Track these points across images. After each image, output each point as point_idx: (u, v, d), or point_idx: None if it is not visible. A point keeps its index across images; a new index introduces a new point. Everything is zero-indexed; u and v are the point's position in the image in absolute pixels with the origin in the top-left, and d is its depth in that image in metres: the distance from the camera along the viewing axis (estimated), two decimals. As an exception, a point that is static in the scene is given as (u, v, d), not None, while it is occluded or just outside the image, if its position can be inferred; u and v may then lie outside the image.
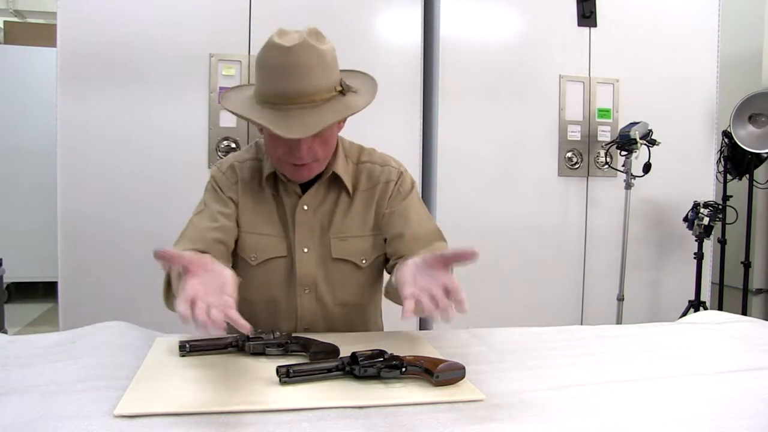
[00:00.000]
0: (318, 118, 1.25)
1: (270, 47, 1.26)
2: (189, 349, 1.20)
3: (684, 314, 3.00)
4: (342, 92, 1.30)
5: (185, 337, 1.29)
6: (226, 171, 1.47)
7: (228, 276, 1.05)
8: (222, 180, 1.46)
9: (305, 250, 1.44)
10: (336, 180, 1.46)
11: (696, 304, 3.11)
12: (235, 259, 1.48)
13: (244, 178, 1.46)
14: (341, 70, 1.36)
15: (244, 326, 0.94)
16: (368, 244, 1.48)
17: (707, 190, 3.21)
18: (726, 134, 3.46)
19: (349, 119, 1.40)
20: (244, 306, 1.46)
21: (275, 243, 1.44)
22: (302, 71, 1.24)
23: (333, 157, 1.45)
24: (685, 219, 3.06)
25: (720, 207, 3.06)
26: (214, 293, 0.98)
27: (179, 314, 0.92)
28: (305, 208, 1.44)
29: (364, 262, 1.48)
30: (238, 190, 1.45)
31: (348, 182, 1.46)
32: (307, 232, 1.44)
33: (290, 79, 1.25)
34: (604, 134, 3.08)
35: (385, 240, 1.48)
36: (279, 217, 1.45)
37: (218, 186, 1.46)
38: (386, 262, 1.52)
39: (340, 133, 1.49)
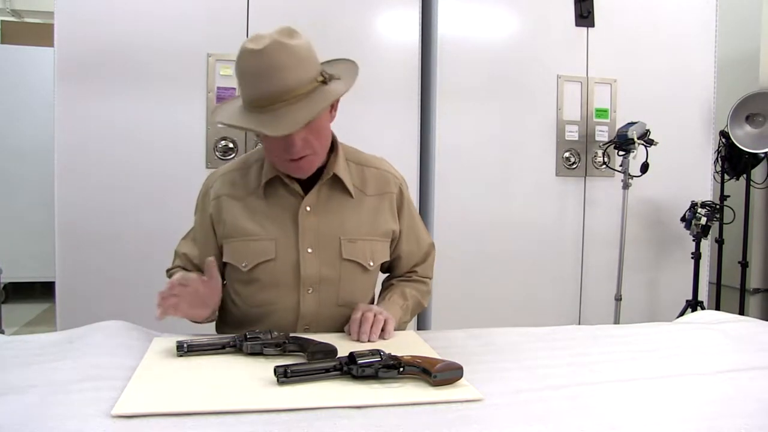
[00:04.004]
0: (303, 112, 1.28)
1: (243, 54, 1.29)
2: (187, 349, 1.20)
3: (681, 314, 3.00)
4: (324, 82, 1.33)
5: (183, 336, 1.29)
6: (206, 191, 1.54)
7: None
8: (203, 199, 1.54)
9: (309, 250, 1.45)
10: (337, 181, 1.47)
11: (693, 304, 3.11)
12: (228, 268, 1.50)
13: (227, 192, 1.49)
14: (325, 62, 1.40)
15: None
16: (377, 248, 1.51)
17: (705, 189, 3.21)
18: (723, 134, 3.47)
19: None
20: (243, 309, 1.48)
21: (267, 247, 1.44)
22: (277, 70, 1.27)
23: (333, 158, 1.47)
24: (683, 219, 3.07)
25: (717, 207, 3.07)
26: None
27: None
28: (308, 209, 1.45)
29: (371, 264, 1.50)
30: (219, 204, 1.48)
31: (349, 184, 1.48)
32: (311, 233, 1.45)
33: (268, 80, 1.27)
34: (602, 134, 3.08)
35: (390, 247, 1.56)
36: (277, 221, 1.45)
37: (201, 205, 1.55)
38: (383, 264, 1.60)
39: (338, 138, 1.51)
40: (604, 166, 3.02)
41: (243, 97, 1.34)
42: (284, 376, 1.04)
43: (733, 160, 3.56)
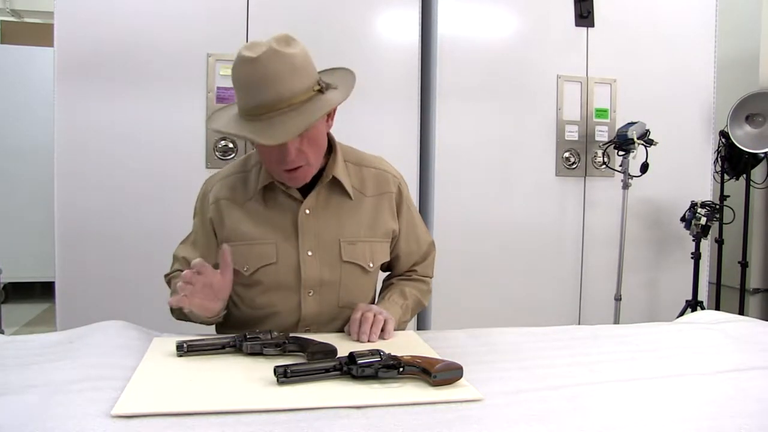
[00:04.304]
0: (298, 121, 1.27)
1: (239, 62, 1.29)
2: (186, 349, 1.20)
3: (681, 314, 3.00)
4: (321, 91, 1.32)
5: (183, 337, 1.29)
6: (205, 194, 1.53)
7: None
8: (202, 202, 1.54)
9: (309, 253, 1.45)
10: (336, 183, 1.47)
11: (693, 304, 3.11)
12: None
13: (226, 196, 1.49)
14: (323, 70, 1.40)
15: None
16: (377, 249, 1.51)
17: (704, 189, 3.21)
18: (723, 134, 3.47)
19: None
20: (244, 312, 1.48)
21: (268, 250, 1.44)
22: (272, 79, 1.26)
23: (332, 160, 1.47)
24: (683, 219, 3.07)
25: (717, 207, 3.07)
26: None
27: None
28: (307, 212, 1.45)
29: (371, 266, 1.50)
30: (219, 208, 1.48)
31: (348, 186, 1.48)
32: (311, 236, 1.45)
33: (263, 89, 1.27)
34: (602, 134, 3.08)
35: (390, 246, 1.56)
36: (277, 224, 1.45)
37: (200, 209, 1.54)
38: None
39: (338, 138, 1.51)
40: (604, 166, 3.02)
41: (238, 104, 1.34)
42: (284, 376, 1.04)
43: (732, 160, 3.56)
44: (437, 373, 1.06)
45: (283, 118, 1.27)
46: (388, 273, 1.67)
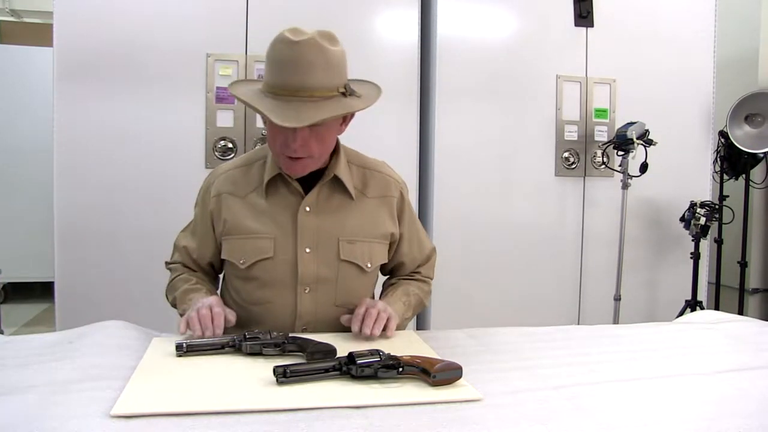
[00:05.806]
0: (312, 113, 1.29)
1: (279, 40, 1.32)
2: (186, 349, 1.20)
3: (681, 314, 3.00)
4: (344, 94, 1.35)
5: (182, 337, 1.29)
6: (208, 187, 1.54)
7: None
8: (204, 194, 1.55)
9: (307, 250, 1.45)
10: (338, 182, 1.48)
11: (693, 304, 3.11)
12: (226, 264, 1.52)
13: (228, 189, 1.50)
14: (353, 79, 1.42)
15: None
16: (375, 250, 1.52)
17: (704, 189, 3.22)
18: (722, 134, 3.47)
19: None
20: (241, 307, 1.49)
21: (265, 245, 1.45)
22: (305, 66, 1.30)
23: (335, 160, 1.48)
24: (682, 219, 3.07)
25: (717, 207, 3.07)
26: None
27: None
28: (307, 209, 1.46)
29: (368, 266, 1.50)
30: (220, 201, 1.49)
31: (349, 185, 1.49)
32: (310, 232, 1.46)
33: (292, 72, 1.30)
34: (601, 134, 3.09)
35: (389, 250, 1.56)
36: (276, 219, 1.46)
37: (202, 200, 1.55)
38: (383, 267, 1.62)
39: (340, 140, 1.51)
40: (604, 166, 3.02)
41: (265, 80, 1.36)
42: (283, 376, 1.04)
43: (732, 160, 3.56)
44: (437, 373, 1.06)
45: (299, 105, 1.29)
46: (388, 276, 1.67)
